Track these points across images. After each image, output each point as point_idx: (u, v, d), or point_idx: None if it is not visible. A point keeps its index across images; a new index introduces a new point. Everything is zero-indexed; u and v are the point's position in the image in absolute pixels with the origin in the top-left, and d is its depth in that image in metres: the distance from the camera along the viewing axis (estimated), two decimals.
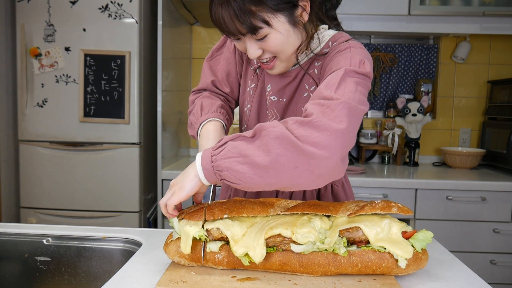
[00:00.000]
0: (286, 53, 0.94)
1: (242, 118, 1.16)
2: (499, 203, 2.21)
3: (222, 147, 0.79)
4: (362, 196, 2.24)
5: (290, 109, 1.06)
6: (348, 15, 2.47)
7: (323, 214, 0.89)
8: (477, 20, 2.45)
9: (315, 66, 1.01)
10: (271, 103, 1.07)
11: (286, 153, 0.73)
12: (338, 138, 0.73)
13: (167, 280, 0.83)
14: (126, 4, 2.26)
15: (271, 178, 0.75)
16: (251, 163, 0.75)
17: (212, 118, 1.02)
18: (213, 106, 1.06)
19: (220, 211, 0.88)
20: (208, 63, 1.17)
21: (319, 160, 0.72)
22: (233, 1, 0.85)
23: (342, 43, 0.98)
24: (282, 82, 1.04)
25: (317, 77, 1.01)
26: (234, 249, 0.84)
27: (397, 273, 0.85)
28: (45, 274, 1.15)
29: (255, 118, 1.11)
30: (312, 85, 1.03)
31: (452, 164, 2.66)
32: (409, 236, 0.86)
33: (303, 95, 1.03)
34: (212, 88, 1.15)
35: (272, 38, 0.90)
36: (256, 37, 0.90)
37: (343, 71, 0.85)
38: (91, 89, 2.31)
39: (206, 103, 1.07)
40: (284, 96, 1.05)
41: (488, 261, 2.25)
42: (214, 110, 1.04)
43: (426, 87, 2.85)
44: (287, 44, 0.92)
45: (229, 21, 0.87)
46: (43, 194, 2.37)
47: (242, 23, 0.86)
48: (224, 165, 0.77)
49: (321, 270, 0.84)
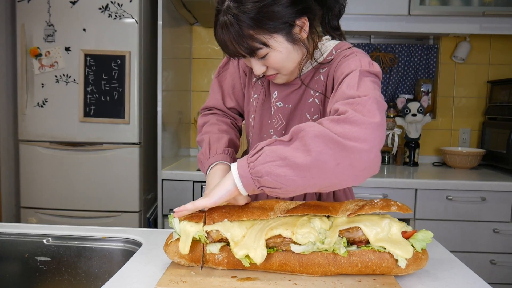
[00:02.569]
0: (288, 68, 0.99)
1: (248, 129, 1.21)
2: (499, 203, 2.21)
3: (258, 153, 0.78)
4: (362, 196, 2.24)
5: (296, 115, 1.09)
6: (348, 15, 2.47)
7: (323, 214, 0.89)
8: (477, 20, 2.45)
9: (321, 73, 1.05)
10: (277, 109, 1.10)
11: (327, 151, 0.72)
12: (375, 130, 0.74)
13: (167, 280, 0.83)
14: (126, 4, 2.26)
15: (314, 178, 0.74)
16: (292, 164, 0.74)
17: (220, 162, 1.07)
18: (220, 144, 1.11)
19: (220, 216, 0.88)
20: (216, 80, 1.23)
21: (361, 154, 0.72)
22: (231, 26, 0.90)
23: (346, 50, 1.01)
24: (288, 89, 1.09)
25: (323, 83, 1.05)
26: (235, 251, 0.84)
27: (397, 273, 0.85)
28: (45, 274, 1.15)
29: (259, 127, 1.15)
30: (318, 90, 1.06)
31: (452, 164, 2.66)
32: (409, 236, 0.86)
33: (308, 100, 1.07)
34: (219, 106, 1.21)
35: (273, 57, 0.95)
36: (257, 56, 0.95)
37: (358, 71, 0.87)
38: (91, 89, 2.31)
39: (213, 140, 1.12)
40: (290, 102, 1.09)
41: (488, 261, 2.25)
42: (222, 152, 1.09)
43: (426, 87, 2.85)
44: (288, 61, 0.97)
45: (230, 44, 0.93)
46: (43, 194, 2.37)
47: (241, 46, 0.92)
48: (264, 170, 0.76)
49: (321, 270, 0.84)
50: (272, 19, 0.91)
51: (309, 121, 1.06)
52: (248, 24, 0.90)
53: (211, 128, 1.16)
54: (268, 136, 1.13)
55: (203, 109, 1.25)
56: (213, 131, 1.15)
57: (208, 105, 1.24)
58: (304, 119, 1.07)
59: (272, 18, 0.90)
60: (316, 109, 1.07)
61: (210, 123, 1.18)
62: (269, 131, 1.13)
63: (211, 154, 1.09)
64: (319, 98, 1.06)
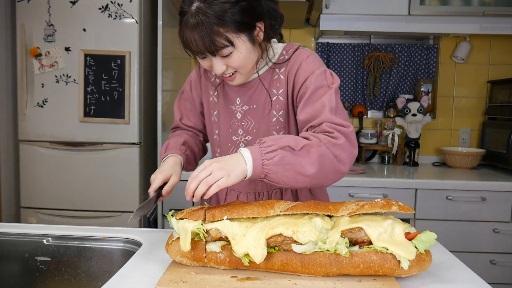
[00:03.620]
0: (247, 68, 1.11)
1: (214, 146, 1.32)
2: (499, 203, 2.21)
3: (272, 153, 0.93)
4: (362, 196, 2.24)
5: (263, 113, 1.20)
6: (348, 15, 2.47)
7: (324, 213, 0.89)
8: (477, 20, 2.45)
9: (279, 73, 1.17)
10: (244, 112, 1.21)
11: (326, 169, 0.96)
12: (354, 158, 1.02)
13: (167, 280, 0.83)
14: (126, 4, 2.26)
15: (308, 184, 0.97)
16: (299, 171, 0.94)
17: (171, 154, 1.22)
18: (176, 143, 1.26)
19: (220, 213, 0.89)
20: (176, 105, 1.39)
21: (343, 174, 1.00)
22: (201, 25, 0.99)
23: (300, 51, 1.16)
24: (249, 91, 1.20)
25: (284, 81, 1.17)
26: (235, 249, 0.84)
27: (400, 275, 0.85)
28: (45, 274, 1.15)
29: (226, 135, 1.25)
30: (280, 88, 1.17)
31: (452, 164, 2.66)
32: (412, 237, 0.85)
33: (273, 98, 1.18)
34: (181, 125, 1.37)
35: (235, 56, 1.05)
36: (221, 54, 1.04)
37: (333, 91, 1.07)
38: (91, 89, 2.31)
39: (172, 141, 1.28)
40: (254, 103, 1.20)
41: (488, 261, 2.25)
42: (175, 147, 1.25)
43: (426, 87, 2.85)
44: (248, 60, 1.08)
45: (198, 43, 1.01)
46: (43, 194, 2.37)
47: (209, 44, 1.01)
48: (274, 169, 0.93)
49: (323, 271, 0.84)
50: (238, 19, 1.02)
51: (276, 117, 1.18)
52: (218, 22, 0.99)
53: (173, 138, 1.32)
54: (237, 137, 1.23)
55: (171, 129, 1.41)
56: (173, 137, 1.31)
57: (172, 126, 1.41)
58: (271, 115, 1.18)
59: (238, 18, 1.02)
60: (281, 105, 1.18)
61: (174, 135, 1.33)
62: (238, 131, 1.23)
63: (166, 151, 1.24)
64: (283, 95, 1.17)
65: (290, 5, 2.26)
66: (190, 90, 1.35)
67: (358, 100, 2.92)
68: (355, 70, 2.88)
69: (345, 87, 2.91)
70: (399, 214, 0.89)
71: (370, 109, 2.93)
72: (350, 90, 2.91)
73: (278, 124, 1.19)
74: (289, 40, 2.89)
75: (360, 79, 2.90)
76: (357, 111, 2.86)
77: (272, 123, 1.19)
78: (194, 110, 1.35)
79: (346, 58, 2.87)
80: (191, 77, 1.35)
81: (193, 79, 1.34)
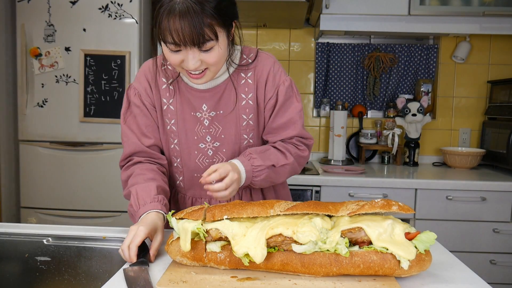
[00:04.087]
0: (219, 66, 1.08)
1: (170, 155, 1.24)
2: (499, 203, 2.21)
3: (261, 172, 1.12)
4: (362, 196, 2.25)
5: (232, 118, 1.19)
6: (348, 15, 2.47)
7: (324, 213, 0.89)
8: (477, 20, 2.45)
9: (247, 77, 1.18)
10: (211, 119, 1.18)
11: (291, 174, 1.23)
12: None
13: (167, 280, 0.83)
14: (126, 4, 2.26)
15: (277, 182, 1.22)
16: (275, 182, 1.20)
17: (151, 211, 1.05)
18: (149, 193, 1.08)
19: (220, 212, 0.89)
20: (125, 126, 1.22)
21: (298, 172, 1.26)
22: (194, 14, 0.95)
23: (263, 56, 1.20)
24: (215, 96, 1.17)
25: (253, 86, 1.18)
26: (235, 249, 0.84)
27: (400, 275, 0.85)
28: (45, 274, 1.15)
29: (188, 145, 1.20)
30: (250, 92, 1.18)
31: (452, 164, 2.66)
32: (412, 237, 0.85)
33: (242, 103, 1.18)
34: (139, 148, 1.20)
35: (216, 51, 1.02)
36: (205, 48, 1.00)
37: (301, 104, 1.22)
38: (91, 89, 2.31)
39: (140, 190, 1.09)
40: (222, 109, 1.18)
41: (488, 261, 2.25)
42: (152, 200, 1.07)
43: (426, 87, 2.85)
44: (223, 58, 1.07)
45: (188, 31, 0.96)
46: (43, 194, 2.37)
47: (199, 34, 0.97)
48: (259, 183, 1.15)
49: (323, 271, 0.84)
50: (227, 13, 1.01)
51: (246, 121, 1.19)
52: (211, 14, 0.97)
53: (136, 179, 1.13)
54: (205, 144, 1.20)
55: (123, 160, 1.23)
56: (139, 181, 1.12)
57: (126, 153, 1.21)
58: (241, 120, 1.19)
59: (227, 12, 1.01)
60: (251, 109, 1.19)
61: (135, 175, 1.15)
62: (206, 138, 1.20)
63: (140, 205, 1.07)
64: (252, 99, 1.19)
65: (290, 5, 2.26)
66: (142, 102, 1.20)
67: (358, 100, 2.92)
68: (355, 70, 2.88)
69: (345, 87, 2.91)
70: (399, 214, 0.89)
71: (370, 109, 2.93)
72: (350, 90, 2.91)
73: (248, 128, 1.20)
74: (289, 40, 2.89)
75: (360, 79, 2.90)
76: (357, 111, 2.86)
77: (243, 127, 1.20)
78: (151, 123, 1.21)
79: (346, 58, 2.87)
80: (136, 89, 1.21)
81: (140, 90, 1.20)
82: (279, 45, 2.90)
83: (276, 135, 1.21)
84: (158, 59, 1.21)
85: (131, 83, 1.24)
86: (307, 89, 2.94)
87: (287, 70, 2.92)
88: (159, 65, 1.21)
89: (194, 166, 1.23)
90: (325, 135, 2.93)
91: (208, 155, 1.21)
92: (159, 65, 1.21)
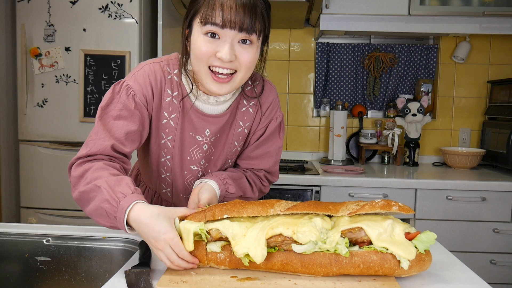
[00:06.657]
0: (247, 73, 1.01)
1: (159, 167, 1.17)
2: (499, 203, 2.21)
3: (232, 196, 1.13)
4: (362, 196, 2.25)
5: (225, 143, 1.18)
6: (348, 15, 2.47)
7: (323, 213, 0.89)
8: (477, 20, 2.45)
9: (249, 105, 1.16)
10: (210, 144, 1.16)
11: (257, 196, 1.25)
12: None
13: (167, 280, 0.84)
14: (126, 4, 2.26)
15: None
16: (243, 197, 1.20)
17: (138, 201, 0.87)
18: (126, 185, 0.89)
19: (221, 212, 0.89)
20: (101, 124, 1.01)
21: None
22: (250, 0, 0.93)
23: (268, 87, 1.19)
24: (220, 122, 1.13)
25: (252, 116, 1.17)
26: (235, 249, 0.84)
27: (400, 275, 0.85)
28: (45, 274, 1.15)
29: (182, 165, 1.17)
30: (247, 121, 1.17)
31: (452, 164, 2.66)
32: (412, 237, 0.85)
33: (237, 130, 1.17)
34: (108, 153, 0.99)
35: (252, 50, 0.98)
36: (248, 37, 0.95)
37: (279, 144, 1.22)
38: (91, 89, 2.31)
39: (113, 183, 0.89)
40: (219, 133, 1.16)
41: (488, 261, 2.25)
42: (133, 191, 0.88)
43: (426, 87, 2.85)
44: (253, 66, 1.02)
45: (241, 12, 0.92)
46: (43, 194, 2.37)
47: (252, 20, 0.93)
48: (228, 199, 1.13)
49: (323, 271, 0.84)
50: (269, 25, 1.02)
51: (236, 147, 1.20)
52: (265, 7, 0.97)
53: (100, 173, 0.92)
54: (198, 167, 1.19)
55: (79, 158, 0.99)
56: (105, 175, 0.91)
57: (89, 152, 0.98)
58: (232, 146, 1.19)
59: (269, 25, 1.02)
60: (243, 136, 1.19)
61: (95, 169, 0.93)
62: (201, 161, 1.18)
63: (119, 198, 0.86)
64: (248, 127, 1.19)
65: (290, 5, 2.26)
66: (135, 106, 1.03)
67: (358, 100, 2.92)
68: (355, 70, 2.88)
69: (345, 87, 2.91)
70: (399, 215, 0.89)
71: (370, 109, 2.93)
72: (350, 90, 2.91)
73: (235, 154, 1.22)
74: (289, 40, 2.89)
75: (360, 79, 2.90)
76: (357, 111, 2.86)
77: (232, 153, 1.20)
78: (134, 132, 1.03)
79: (346, 58, 2.87)
80: (132, 91, 1.03)
81: (137, 93, 1.03)
82: (279, 45, 2.90)
83: (249, 163, 1.23)
84: (163, 65, 1.08)
85: (124, 80, 1.05)
86: (307, 89, 2.94)
87: (287, 70, 2.92)
88: (165, 73, 1.08)
89: (182, 186, 1.21)
90: (325, 135, 2.94)
91: (197, 177, 1.20)
92: (165, 73, 1.08)
